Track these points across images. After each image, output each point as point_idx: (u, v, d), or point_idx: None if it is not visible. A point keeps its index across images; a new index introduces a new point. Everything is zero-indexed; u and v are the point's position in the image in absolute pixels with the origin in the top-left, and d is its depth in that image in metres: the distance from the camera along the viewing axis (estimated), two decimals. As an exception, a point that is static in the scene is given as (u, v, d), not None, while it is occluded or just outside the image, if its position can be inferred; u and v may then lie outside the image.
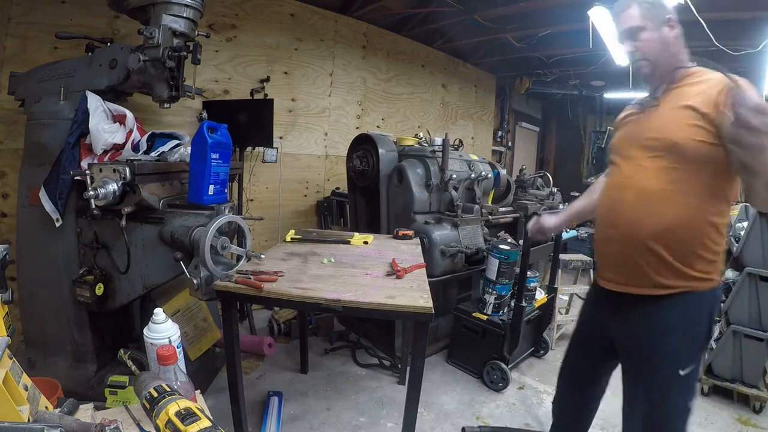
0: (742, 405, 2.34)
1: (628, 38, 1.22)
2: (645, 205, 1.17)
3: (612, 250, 1.27)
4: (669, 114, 1.17)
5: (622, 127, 1.36)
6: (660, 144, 1.15)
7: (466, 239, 2.62)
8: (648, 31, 1.18)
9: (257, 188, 3.44)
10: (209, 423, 0.66)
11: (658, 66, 1.21)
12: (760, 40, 3.07)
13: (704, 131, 1.08)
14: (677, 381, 1.17)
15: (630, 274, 1.23)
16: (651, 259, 1.17)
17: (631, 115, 1.35)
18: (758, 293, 2.31)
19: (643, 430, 1.23)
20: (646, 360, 1.23)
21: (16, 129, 2.26)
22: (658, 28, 1.18)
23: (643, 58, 1.21)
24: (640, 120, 1.28)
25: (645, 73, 1.23)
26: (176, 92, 1.76)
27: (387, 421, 2.09)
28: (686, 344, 1.19)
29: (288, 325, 2.92)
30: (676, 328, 1.18)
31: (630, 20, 1.20)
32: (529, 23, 3.92)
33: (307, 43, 3.64)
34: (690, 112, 1.11)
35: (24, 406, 0.71)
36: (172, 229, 1.54)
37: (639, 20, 1.18)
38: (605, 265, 1.33)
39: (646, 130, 1.21)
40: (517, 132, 7.08)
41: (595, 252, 1.41)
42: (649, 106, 1.25)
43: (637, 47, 1.20)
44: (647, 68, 1.22)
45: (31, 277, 1.90)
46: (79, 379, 1.84)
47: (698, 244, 1.15)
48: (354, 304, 1.34)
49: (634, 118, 1.32)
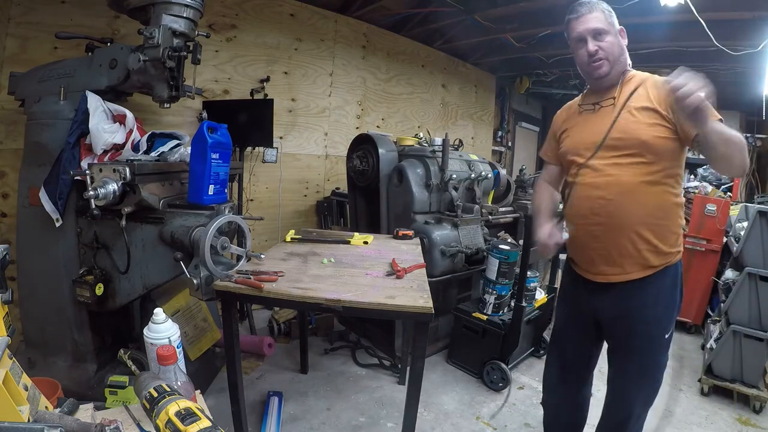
0: (742, 405, 2.34)
1: (593, 38, 1.30)
2: (629, 198, 1.28)
3: (600, 244, 1.35)
4: (629, 115, 1.28)
5: (570, 128, 1.46)
6: (627, 143, 1.27)
7: (466, 239, 2.62)
8: (611, 35, 1.30)
9: (257, 188, 3.44)
10: (209, 423, 0.66)
11: (614, 67, 1.32)
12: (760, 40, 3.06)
13: (664, 128, 1.24)
14: (662, 343, 1.37)
15: (622, 263, 1.33)
16: (641, 244, 1.30)
17: (574, 117, 1.45)
18: (758, 293, 2.31)
19: (633, 386, 1.40)
20: (636, 331, 1.36)
21: (16, 129, 2.26)
22: (616, 35, 1.32)
23: (605, 57, 1.30)
24: (592, 121, 1.37)
25: (603, 72, 1.32)
26: (176, 92, 1.76)
27: (387, 421, 2.09)
28: (668, 312, 1.36)
29: (288, 325, 2.92)
30: (659, 300, 1.34)
31: (596, 22, 1.30)
32: (529, 23, 3.92)
33: (307, 43, 3.64)
34: (650, 113, 1.25)
35: (24, 406, 0.71)
36: (172, 229, 1.54)
37: (604, 24, 1.30)
38: (593, 261, 1.40)
39: (606, 131, 1.30)
40: (517, 132, 7.08)
41: (576, 250, 1.48)
42: (603, 106, 1.35)
43: (601, 47, 1.30)
44: (606, 68, 1.31)
45: (31, 277, 1.90)
46: (79, 379, 1.84)
47: (672, 224, 1.33)
48: (354, 304, 1.34)
49: (581, 120, 1.42)
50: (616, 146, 1.29)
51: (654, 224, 1.29)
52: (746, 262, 2.42)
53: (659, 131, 1.24)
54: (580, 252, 1.46)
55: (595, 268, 1.40)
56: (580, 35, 1.32)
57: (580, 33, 1.32)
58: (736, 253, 2.59)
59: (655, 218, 1.29)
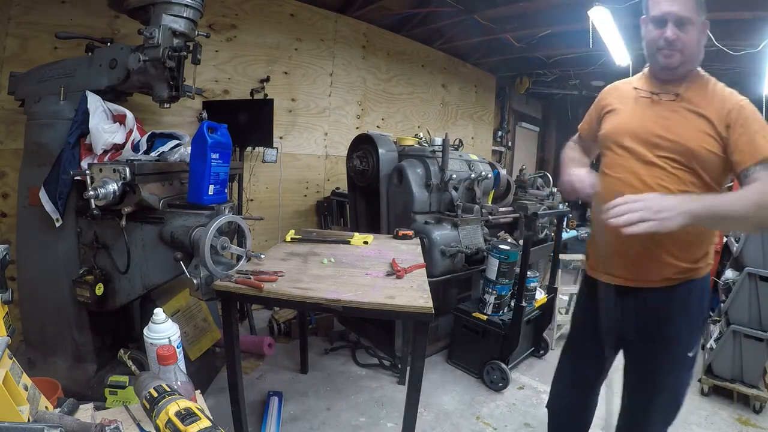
0: (742, 405, 2.34)
1: (675, 24, 1.13)
2: None
3: (622, 243, 1.21)
4: (681, 117, 1.16)
5: (618, 110, 1.30)
6: (672, 146, 1.16)
7: (466, 239, 2.62)
8: (693, 26, 1.15)
9: (257, 188, 3.44)
10: (209, 423, 0.66)
11: (685, 62, 1.18)
12: (760, 40, 3.07)
13: (714, 142, 1.13)
14: (685, 362, 1.26)
15: (647, 269, 1.23)
16: (668, 254, 1.20)
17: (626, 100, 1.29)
18: (758, 293, 2.31)
19: (651, 404, 1.30)
20: (655, 348, 1.27)
21: (16, 129, 2.26)
22: (698, 28, 1.16)
23: (680, 50, 1.15)
24: (644, 110, 1.23)
25: (672, 63, 1.17)
26: (176, 92, 1.76)
27: (387, 421, 2.09)
28: (692, 328, 1.27)
29: (288, 325, 2.92)
30: (683, 315, 1.24)
31: (685, 8, 1.13)
32: (529, 23, 3.92)
33: (307, 43, 3.64)
34: (704, 122, 1.13)
35: (24, 406, 0.71)
36: (172, 229, 1.54)
37: (692, 12, 1.14)
38: (617, 263, 1.28)
39: (655, 126, 1.19)
40: (517, 132, 7.08)
41: (601, 247, 1.33)
42: (662, 99, 1.21)
43: (680, 37, 1.14)
44: (677, 60, 1.17)
45: (31, 277, 1.90)
46: (79, 379, 1.84)
47: (703, 237, 1.22)
48: (354, 304, 1.34)
49: (634, 105, 1.26)
50: (662, 146, 1.17)
51: (683, 239, 1.18)
52: (746, 262, 2.41)
53: (709, 143, 1.13)
54: (600, 247, 1.34)
55: (612, 269, 1.29)
56: (662, 16, 1.15)
57: (662, 13, 1.15)
58: (736, 253, 2.58)
59: (684, 232, 1.14)
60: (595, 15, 3.09)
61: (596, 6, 3.00)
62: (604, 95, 1.40)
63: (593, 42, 3.47)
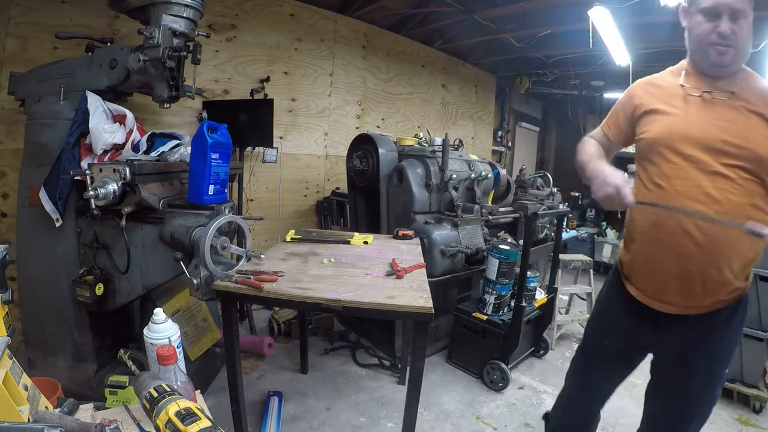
0: (742, 405, 2.34)
1: (729, 17, 1.04)
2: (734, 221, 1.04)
3: (682, 269, 1.10)
4: (745, 119, 1.05)
5: (665, 112, 1.14)
6: (741, 153, 1.04)
7: (466, 239, 2.62)
8: (746, 20, 1.05)
9: (257, 188, 3.44)
10: (209, 423, 0.66)
11: (737, 58, 1.08)
12: (760, 40, 3.06)
13: None
14: (722, 378, 1.23)
15: (704, 294, 1.11)
16: (728, 275, 1.09)
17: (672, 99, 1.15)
18: (758, 293, 2.31)
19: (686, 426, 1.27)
20: (699, 366, 1.20)
21: (16, 129, 2.26)
22: (750, 21, 1.06)
23: (734, 45, 1.06)
24: (700, 111, 1.10)
25: (726, 60, 1.07)
26: (176, 92, 1.75)
27: (387, 421, 2.09)
28: (734, 346, 1.23)
29: (288, 325, 2.92)
30: (729, 334, 1.19)
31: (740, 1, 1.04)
32: (529, 23, 3.92)
33: (307, 43, 3.64)
34: (764, 123, 1.04)
35: (24, 406, 0.71)
36: (172, 229, 1.54)
37: (746, 3, 1.04)
38: (667, 287, 1.15)
39: (718, 131, 1.06)
40: (517, 132, 7.08)
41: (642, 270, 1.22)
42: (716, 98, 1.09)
43: (735, 31, 1.04)
44: (731, 57, 1.07)
45: (31, 277, 1.90)
46: (79, 379, 1.84)
47: (756, 256, 1.13)
48: (354, 304, 1.34)
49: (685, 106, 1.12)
50: (730, 154, 1.04)
51: (746, 256, 1.09)
52: (746, 262, 2.41)
53: None
54: (649, 274, 1.19)
55: (666, 296, 1.16)
56: (716, 8, 1.04)
57: (716, 5, 1.04)
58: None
59: (748, 249, 1.07)
60: (595, 15, 3.09)
61: (596, 6, 3.01)
62: (635, 92, 1.25)
63: (593, 42, 3.47)
